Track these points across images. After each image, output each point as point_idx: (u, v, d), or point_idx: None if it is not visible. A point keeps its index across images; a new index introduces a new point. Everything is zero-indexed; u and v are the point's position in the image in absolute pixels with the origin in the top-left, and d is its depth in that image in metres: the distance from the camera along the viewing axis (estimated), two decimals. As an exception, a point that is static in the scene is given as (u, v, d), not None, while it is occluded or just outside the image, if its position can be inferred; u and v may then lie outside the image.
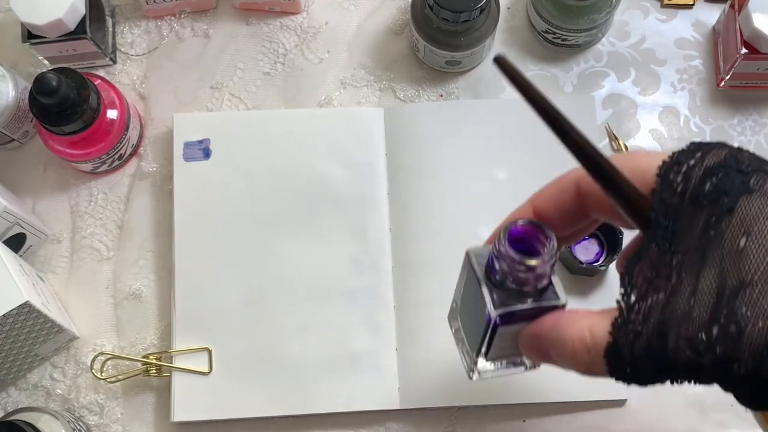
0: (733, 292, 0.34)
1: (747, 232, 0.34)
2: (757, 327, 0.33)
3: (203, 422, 0.61)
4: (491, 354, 0.44)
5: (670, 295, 0.35)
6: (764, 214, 0.34)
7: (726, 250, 0.34)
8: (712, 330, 0.34)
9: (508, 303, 0.40)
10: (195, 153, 0.66)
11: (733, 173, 0.36)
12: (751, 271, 0.34)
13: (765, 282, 0.33)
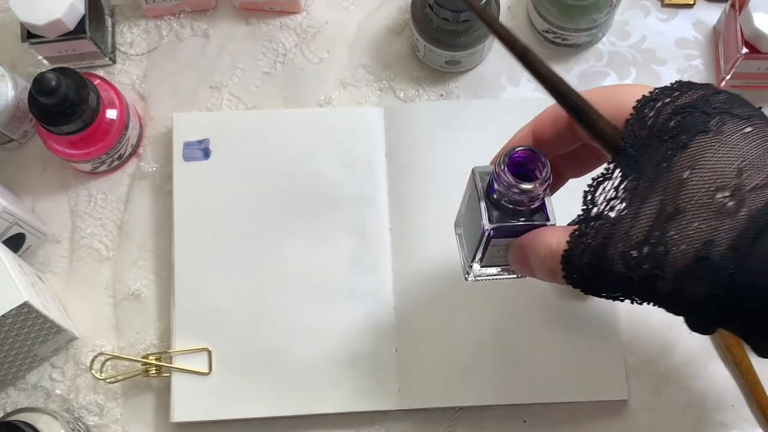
0: (668, 218, 0.38)
1: (692, 166, 0.38)
2: (680, 248, 0.37)
3: (203, 422, 0.61)
4: (485, 261, 0.50)
5: (619, 215, 0.40)
6: (712, 151, 0.38)
7: (671, 180, 0.38)
8: (643, 249, 0.38)
9: (502, 219, 0.46)
10: (195, 153, 0.66)
11: (697, 113, 0.39)
12: (686, 200, 0.38)
13: (696, 210, 0.37)
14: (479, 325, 0.62)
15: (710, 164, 0.38)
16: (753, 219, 0.36)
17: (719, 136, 0.38)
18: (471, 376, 0.61)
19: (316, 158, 0.65)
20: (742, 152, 0.38)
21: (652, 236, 0.38)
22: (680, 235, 0.37)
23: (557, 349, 0.61)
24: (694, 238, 0.37)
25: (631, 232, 0.39)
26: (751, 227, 0.36)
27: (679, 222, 0.38)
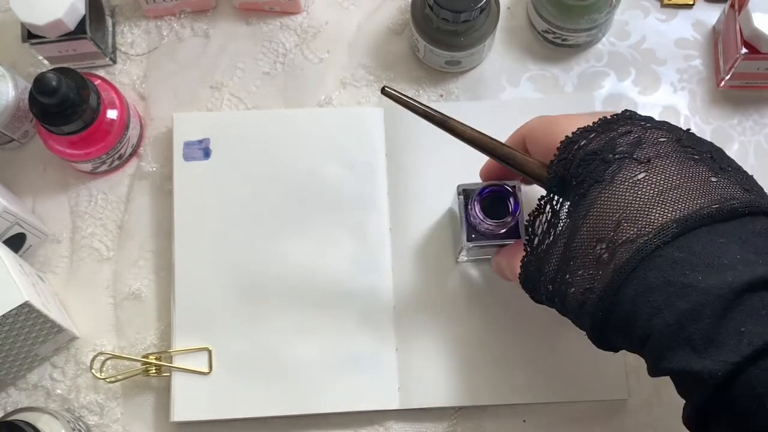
0: (566, 261, 0.44)
1: (585, 215, 0.43)
2: (571, 291, 0.44)
3: (203, 422, 0.61)
4: (469, 255, 0.61)
5: (546, 249, 0.46)
6: (600, 202, 0.43)
7: (572, 227, 0.44)
8: (554, 285, 0.46)
9: (478, 239, 0.56)
10: (195, 153, 0.66)
11: (597, 161, 0.44)
12: (577, 247, 0.43)
13: (582, 258, 0.43)
14: (479, 325, 0.62)
15: (597, 215, 0.43)
16: (617, 272, 0.41)
17: (610, 186, 0.43)
18: (471, 376, 0.61)
19: (316, 158, 0.65)
20: (625, 203, 0.42)
21: (557, 276, 0.45)
22: (572, 278, 0.44)
23: (557, 349, 0.61)
24: (579, 284, 0.43)
25: (547, 269, 0.46)
26: (615, 279, 0.41)
27: (572, 267, 0.44)
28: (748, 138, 0.67)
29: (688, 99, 0.68)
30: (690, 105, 0.68)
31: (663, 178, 0.42)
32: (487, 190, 0.54)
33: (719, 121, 0.67)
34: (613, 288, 0.41)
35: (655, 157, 0.43)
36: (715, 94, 0.68)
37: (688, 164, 0.43)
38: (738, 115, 0.67)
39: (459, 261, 0.63)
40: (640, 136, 0.44)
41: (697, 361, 0.39)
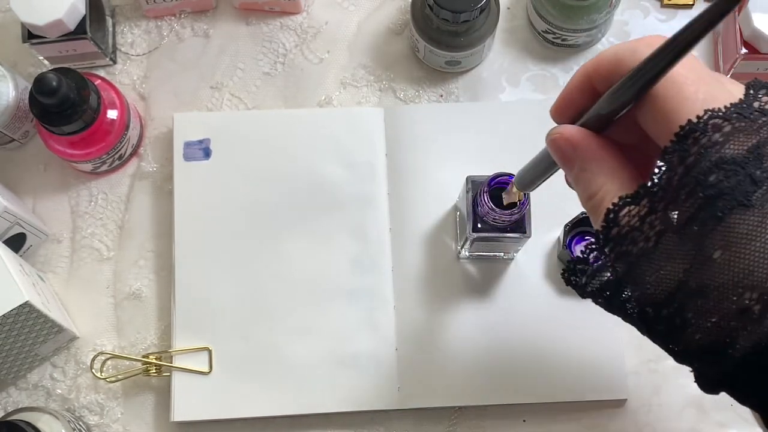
0: (689, 293, 0.35)
1: (724, 247, 0.34)
2: (695, 336, 0.35)
3: (203, 422, 0.61)
4: (471, 250, 0.61)
5: (641, 255, 0.36)
6: (748, 236, 0.34)
7: (700, 252, 0.34)
8: (661, 311, 0.36)
9: (484, 230, 0.57)
10: (195, 153, 0.66)
11: (743, 176, 0.34)
12: (711, 284, 0.34)
13: (718, 302, 0.34)
14: (479, 325, 0.62)
15: (745, 252, 0.34)
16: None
17: (761, 217, 0.33)
18: (471, 376, 0.61)
19: (317, 158, 0.65)
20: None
21: (671, 304, 0.36)
22: (697, 321, 0.35)
23: (557, 349, 0.61)
24: (711, 332, 0.35)
25: (649, 288, 0.36)
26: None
27: (700, 307, 0.35)
28: (748, 138, 0.67)
29: (688, 99, 0.68)
30: (690, 105, 0.68)
31: None
32: (496, 180, 0.54)
33: (719, 121, 0.67)
34: (766, 351, 0.33)
35: None
36: (715, 94, 0.68)
37: None
38: (738, 115, 0.67)
39: (461, 257, 0.63)
40: None
41: None
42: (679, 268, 0.35)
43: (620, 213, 0.36)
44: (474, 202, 0.57)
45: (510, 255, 0.62)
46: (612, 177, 0.37)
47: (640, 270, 0.36)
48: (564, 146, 0.38)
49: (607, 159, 0.37)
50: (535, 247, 0.63)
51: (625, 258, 0.36)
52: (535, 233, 0.57)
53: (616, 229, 0.36)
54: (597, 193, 0.37)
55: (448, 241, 0.64)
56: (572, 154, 0.38)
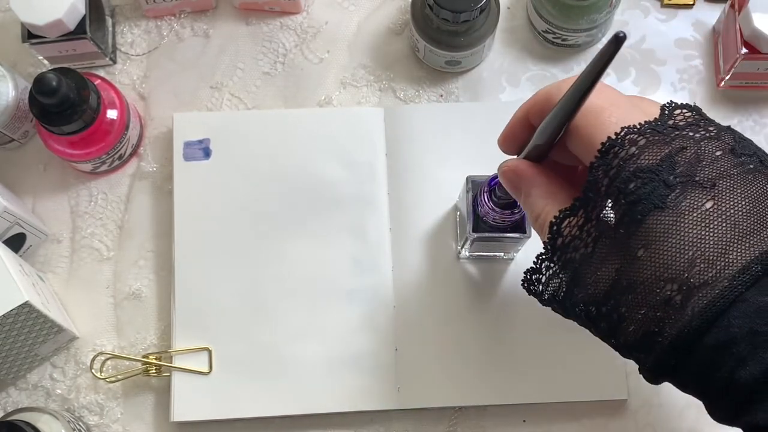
0: (622, 290, 0.39)
1: (646, 246, 0.38)
2: (629, 327, 0.39)
3: (203, 422, 0.61)
4: (471, 250, 0.61)
5: (582, 260, 0.40)
6: (666, 234, 0.38)
7: (627, 252, 0.39)
8: (601, 308, 0.40)
9: (484, 230, 0.57)
10: (195, 153, 0.66)
11: (657, 182, 0.38)
12: (638, 280, 0.38)
13: (645, 294, 0.38)
14: (479, 325, 0.62)
15: (663, 249, 0.38)
16: (695, 318, 0.37)
17: (676, 217, 0.38)
18: (471, 376, 0.61)
19: (317, 158, 0.65)
20: (697, 239, 0.37)
21: (608, 302, 0.40)
22: (630, 314, 0.39)
23: (557, 349, 0.61)
24: (641, 323, 0.39)
25: (590, 289, 0.40)
26: (692, 327, 0.37)
27: (630, 301, 0.39)
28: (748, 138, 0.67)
29: (688, 99, 0.68)
30: (690, 105, 0.68)
31: (732, 206, 0.38)
32: (496, 180, 0.54)
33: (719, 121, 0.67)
34: (690, 336, 0.37)
35: (718, 178, 0.39)
36: (715, 94, 0.68)
37: (749, 182, 0.39)
38: (738, 115, 0.67)
39: (461, 257, 0.63)
40: (697, 152, 0.39)
41: None
42: (612, 269, 0.39)
43: (562, 224, 0.41)
44: (474, 202, 0.57)
45: (510, 255, 0.62)
46: (551, 198, 0.42)
47: (582, 274, 0.40)
48: (511, 176, 0.45)
49: (546, 184, 0.43)
50: (535, 247, 0.63)
51: (570, 264, 0.41)
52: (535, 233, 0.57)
53: (560, 240, 0.41)
54: (540, 214, 0.43)
55: (448, 241, 0.64)
56: (518, 183, 0.44)
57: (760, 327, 0.36)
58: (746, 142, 0.42)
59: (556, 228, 0.41)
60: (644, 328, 0.39)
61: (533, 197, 0.43)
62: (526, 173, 0.44)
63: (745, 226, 0.38)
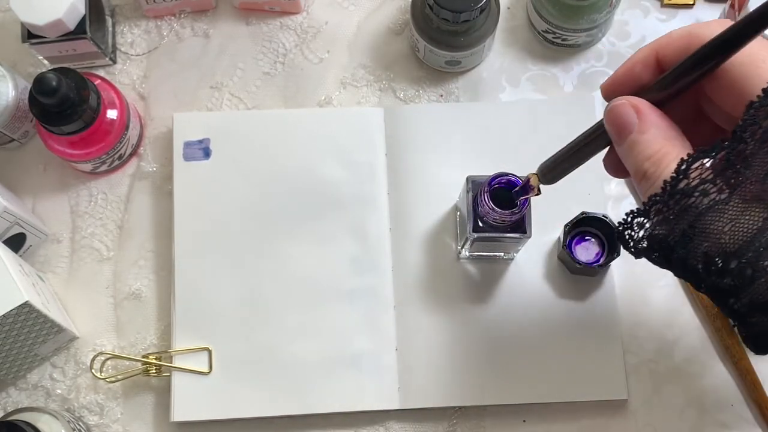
0: (765, 244, 0.35)
1: None
2: (765, 286, 0.35)
3: (203, 422, 0.61)
4: (471, 250, 0.61)
5: (712, 207, 0.36)
6: None
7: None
8: (730, 263, 0.35)
9: (485, 230, 0.57)
10: (195, 153, 0.66)
11: None
12: None
13: None
14: (479, 325, 0.62)
15: None
16: None
17: None
18: (471, 376, 0.61)
19: (317, 158, 0.65)
20: None
21: (745, 254, 0.35)
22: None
23: (557, 349, 0.61)
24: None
25: (722, 239, 0.36)
26: None
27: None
28: (748, 138, 0.67)
29: (688, 99, 0.68)
30: (690, 105, 0.68)
31: None
32: (496, 180, 0.54)
33: (719, 121, 0.67)
34: None
35: None
36: (715, 94, 0.68)
37: None
38: (738, 115, 0.67)
39: (461, 257, 0.63)
40: None
41: None
42: (757, 220, 0.35)
43: (692, 165, 0.36)
44: (474, 202, 0.57)
45: (510, 255, 0.62)
46: (671, 142, 0.38)
47: (709, 221, 0.36)
48: (627, 112, 0.39)
49: (666, 127, 0.38)
50: (535, 247, 0.63)
51: (691, 210, 0.36)
52: (535, 233, 0.57)
53: (685, 182, 0.36)
54: (655, 155, 0.38)
55: (448, 241, 0.64)
56: (633, 120, 0.39)
57: None
58: None
59: (685, 167, 0.36)
60: None
61: (650, 135, 0.38)
62: (646, 110, 0.39)
63: None
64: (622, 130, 0.39)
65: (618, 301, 0.63)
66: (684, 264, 0.38)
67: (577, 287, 0.63)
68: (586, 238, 0.63)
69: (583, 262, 0.61)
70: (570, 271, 0.63)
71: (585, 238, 0.63)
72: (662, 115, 0.39)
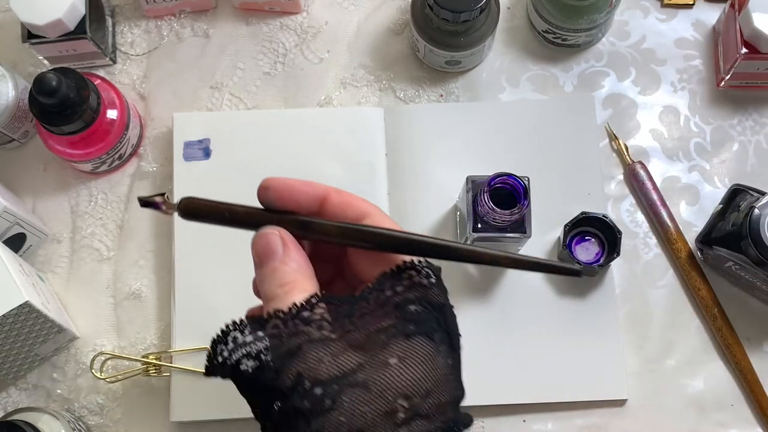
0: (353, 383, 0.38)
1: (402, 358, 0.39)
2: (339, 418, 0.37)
3: (203, 422, 0.61)
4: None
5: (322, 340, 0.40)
6: (423, 357, 0.39)
7: (378, 355, 0.39)
8: (316, 388, 0.38)
9: (485, 230, 0.57)
10: (195, 153, 0.66)
11: (433, 319, 0.42)
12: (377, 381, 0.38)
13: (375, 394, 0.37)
14: (479, 325, 0.62)
15: (414, 369, 0.39)
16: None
17: (434, 351, 0.40)
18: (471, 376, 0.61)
19: (317, 158, 0.65)
20: (443, 376, 0.40)
21: (331, 386, 0.38)
22: (350, 407, 0.38)
23: (557, 349, 0.61)
24: (355, 420, 0.38)
25: (319, 367, 0.39)
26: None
27: (358, 396, 0.38)
28: (748, 138, 0.67)
29: (688, 99, 0.68)
30: (690, 105, 0.68)
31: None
32: (496, 180, 0.54)
33: (719, 121, 0.67)
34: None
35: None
36: (715, 93, 0.68)
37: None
38: (738, 115, 0.67)
39: None
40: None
41: None
42: (353, 360, 0.39)
43: (319, 303, 0.40)
44: (474, 202, 0.57)
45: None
46: (306, 278, 0.42)
47: (315, 349, 0.39)
48: (276, 241, 0.44)
49: (305, 265, 0.43)
50: (535, 247, 0.63)
51: (304, 335, 0.39)
52: (535, 233, 0.57)
53: (308, 313, 0.40)
54: (289, 284, 0.42)
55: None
56: (279, 250, 0.44)
57: None
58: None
59: (314, 302, 0.40)
60: (355, 426, 0.37)
61: (288, 268, 0.43)
62: (291, 246, 0.44)
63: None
64: (266, 257, 0.44)
65: (618, 301, 0.63)
66: (276, 377, 0.39)
67: (577, 287, 0.63)
68: (586, 238, 0.63)
69: (583, 262, 0.61)
70: None
71: (585, 238, 0.63)
72: (303, 254, 0.43)
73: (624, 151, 0.66)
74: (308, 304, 0.40)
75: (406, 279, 0.42)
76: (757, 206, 0.55)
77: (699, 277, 0.63)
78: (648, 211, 0.65)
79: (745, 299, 0.63)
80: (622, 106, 0.68)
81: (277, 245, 0.44)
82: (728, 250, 0.58)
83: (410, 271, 0.42)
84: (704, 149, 0.67)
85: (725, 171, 0.66)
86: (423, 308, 0.42)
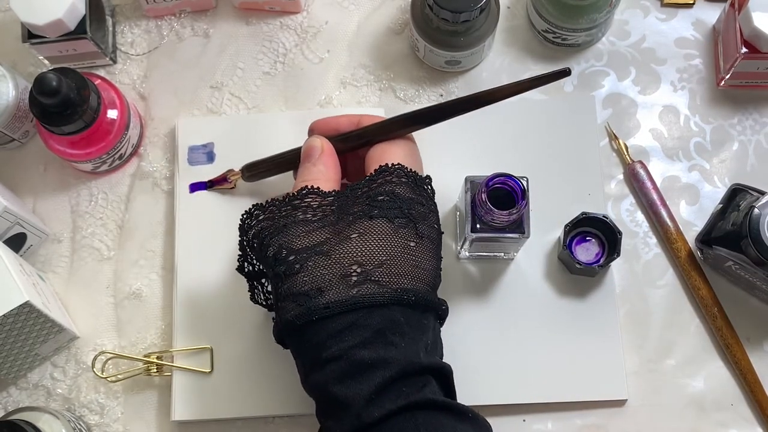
0: (318, 252, 0.49)
1: (362, 234, 0.49)
2: (303, 278, 0.48)
3: (204, 421, 0.61)
4: (471, 250, 0.62)
5: (304, 221, 0.50)
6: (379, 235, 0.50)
7: (344, 231, 0.50)
8: (290, 256, 0.49)
9: (483, 230, 0.57)
10: (199, 157, 0.66)
11: (397, 207, 0.50)
12: (337, 251, 0.49)
13: (334, 261, 0.49)
14: (479, 325, 0.62)
15: (370, 243, 0.49)
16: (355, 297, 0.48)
17: (393, 232, 0.49)
18: (471, 376, 0.61)
19: (317, 158, 0.65)
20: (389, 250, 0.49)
21: (301, 254, 0.49)
22: (312, 269, 0.48)
23: (557, 349, 0.61)
24: (316, 279, 0.48)
25: (295, 240, 0.49)
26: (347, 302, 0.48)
27: (319, 262, 0.48)
28: (748, 137, 0.67)
29: (688, 98, 0.68)
30: (690, 104, 0.68)
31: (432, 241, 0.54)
32: (495, 180, 0.54)
33: (719, 121, 0.67)
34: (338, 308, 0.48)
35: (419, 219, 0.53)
36: (715, 93, 0.68)
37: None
38: (738, 115, 0.67)
39: (461, 257, 0.63)
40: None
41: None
42: (323, 235, 0.49)
43: (312, 195, 0.50)
44: (473, 202, 0.57)
45: (510, 255, 0.62)
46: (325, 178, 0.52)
47: (297, 226, 0.49)
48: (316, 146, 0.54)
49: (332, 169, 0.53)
50: (535, 247, 0.63)
51: (292, 216, 0.50)
52: (535, 233, 0.57)
53: (299, 201, 0.50)
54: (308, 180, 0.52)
55: (448, 241, 0.64)
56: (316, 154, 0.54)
57: (387, 333, 0.47)
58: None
59: (305, 193, 0.50)
60: (314, 284, 0.48)
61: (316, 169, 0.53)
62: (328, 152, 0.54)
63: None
64: (305, 158, 0.54)
65: (618, 301, 0.63)
66: (267, 249, 0.50)
67: (577, 287, 0.63)
68: (586, 238, 0.63)
69: (583, 262, 0.61)
70: (570, 271, 0.63)
71: (585, 239, 0.63)
72: (334, 162, 0.54)
73: (624, 150, 0.66)
74: (299, 194, 0.50)
75: (380, 178, 0.51)
76: (757, 206, 0.55)
77: (699, 277, 0.63)
78: (648, 210, 0.65)
79: (745, 299, 0.63)
80: (622, 105, 0.68)
81: (315, 150, 0.54)
82: (728, 250, 0.58)
83: (385, 173, 0.51)
84: (704, 149, 0.67)
85: (725, 170, 0.66)
86: (389, 198, 0.50)
